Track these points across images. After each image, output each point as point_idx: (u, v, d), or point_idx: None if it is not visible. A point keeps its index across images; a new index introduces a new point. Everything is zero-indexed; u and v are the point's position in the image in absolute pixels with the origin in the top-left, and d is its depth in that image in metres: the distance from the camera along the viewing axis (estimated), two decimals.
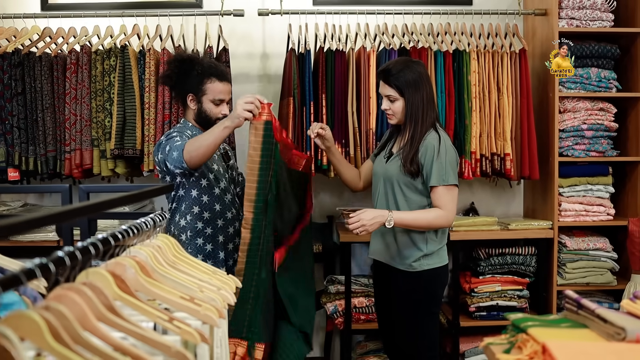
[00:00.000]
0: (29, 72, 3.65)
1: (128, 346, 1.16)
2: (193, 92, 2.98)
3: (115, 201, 1.49)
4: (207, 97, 2.96)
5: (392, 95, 2.85)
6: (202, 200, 2.95)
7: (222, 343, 1.68)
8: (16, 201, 3.99)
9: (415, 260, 2.85)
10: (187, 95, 2.99)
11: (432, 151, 2.78)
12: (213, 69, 3.00)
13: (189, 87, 2.98)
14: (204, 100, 2.97)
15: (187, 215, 2.95)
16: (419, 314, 2.90)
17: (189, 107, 3.02)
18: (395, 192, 2.88)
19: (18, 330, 1.00)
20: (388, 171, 2.92)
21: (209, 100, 2.97)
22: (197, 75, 2.96)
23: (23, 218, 1.05)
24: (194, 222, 2.95)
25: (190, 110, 3.03)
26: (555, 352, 1.33)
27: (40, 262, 1.14)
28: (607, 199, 3.90)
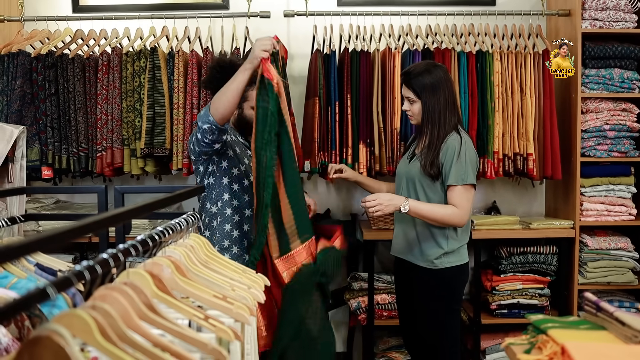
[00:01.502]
0: (62, 74, 3.75)
1: (167, 343, 1.22)
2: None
3: (154, 204, 1.57)
4: (249, 103, 3.00)
5: (410, 97, 2.92)
6: (232, 188, 3.01)
7: (252, 340, 1.75)
8: (49, 198, 4.09)
9: (437, 257, 2.91)
10: None
11: (452, 151, 2.84)
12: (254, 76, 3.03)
13: None
14: (245, 106, 3.02)
15: (218, 202, 3.00)
16: (440, 311, 2.96)
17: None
18: (417, 191, 2.94)
19: (70, 329, 1.07)
20: (410, 171, 2.98)
21: (249, 107, 3.00)
22: None
23: (75, 225, 1.12)
24: (223, 208, 3.01)
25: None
26: (574, 354, 1.38)
27: (88, 265, 1.21)
28: (629, 199, 3.91)
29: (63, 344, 1.01)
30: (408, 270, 3.04)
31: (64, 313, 1.12)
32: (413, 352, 3.21)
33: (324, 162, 3.74)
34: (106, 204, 2.28)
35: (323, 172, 3.80)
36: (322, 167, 3.76)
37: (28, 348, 1.01)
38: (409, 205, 2.80)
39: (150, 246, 1.56)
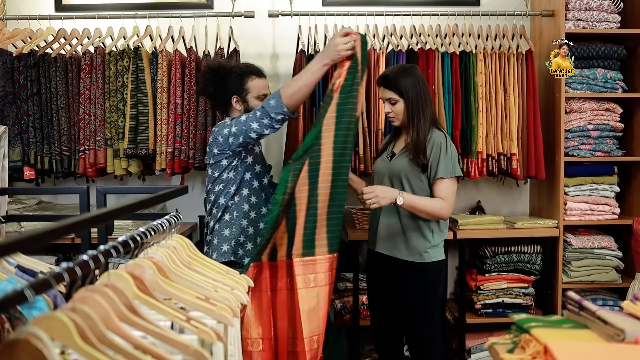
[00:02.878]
0: (44, 73, 3.72)
1: (149, 345, 1.21)
2: (237, 93, 3.10)
3: (135, 205, 1.55)
4: (252, 94, 3.09)
5: (392, 98, 3.00)
6: (252, 184, 3.05)
7: (235, 341, 1.74)
8: (31, 199, 4.06)
9: (425, 251, 2.97)
10: (231, 98, 3.11)
11: (438, 147, 2.94)
12: (250, 67, 3.14)
13: (231, 90, 3.10)
14: (249, 98, 3.10)
15: (235, 197, 3.04)
16: (426, 306, 3.02)
17: (234, 109, 3.13)
18: (403, 187, 2.99)
19: (48, 331, 1.06)
20: (394, 168, 3.03)
21: (254, 98, 3.09)
22: (238, 77, 3.09)
23: (55, 226, 1.11)
24: (241, 203, 3.04)
25: (236, 112, 3.13)
26: (556, 353, 1.39)
27: (68, 267, 1.20)
28: (612, 198, 3.94)
29: (41, 347, 1.00)
30: (390, 266, 3.06)
31: (43, 315, 1.11)
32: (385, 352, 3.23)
33: None
34: (88, 204, 2.26)
35: None
36: None
37: (5, 351, 1.00)
38: (404, 197, 2.84)
39: (132, 247, 1.55)
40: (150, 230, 1.72)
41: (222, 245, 3.01)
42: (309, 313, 2.75)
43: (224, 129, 2.97)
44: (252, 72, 3.12)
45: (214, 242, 3.04)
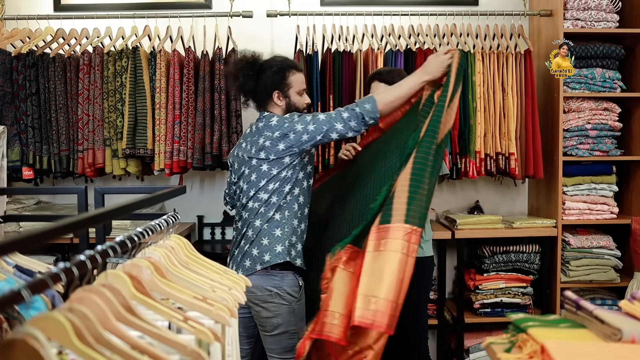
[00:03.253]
0: (43, 73, 3.72)
1: (146, 345, 1.21)
2: (278, 88, 2.95)
3: (132, 205, 1.55)
4: (293, 89, 2.97)
5: None
6: (303, 184, 2.97)
7: (233, 341, 1.74)
8: (30, 199, 4.06)
9: (420, 246, 2.96)
10: (272, 93, 2.95)
11: None
12: (287, 61, 3.02)
13: (272, 85, 2.95)
14: (291, 93, 2.97)
15: (288, 196, 2.93)
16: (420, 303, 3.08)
17: (275, 105, 2.98)
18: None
19: (45, 331, 1.06)
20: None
21: (295, 93, 2.97)
22: (279, 71, 2.94)
23: (52, 226, 1.11)
24: (292, 203, 2.95)
25: (276, 108, 2.99)
26: (553, 352, 1.39)
27: (65, 267, 1.20)
28: (610, 198, 3.94)
29: (38, 347, 1.00)
30: None
31: (40, 315, 1.10)
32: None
33: None
34: (86, 204, 2.26)
35: None
36: None
37: (2, 351, 1.00)
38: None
39: (129, 247, 1.55)
40: (148, 230, 1.72)
41: (276, 246, 2.87)
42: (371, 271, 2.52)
43: (295, 126, 2.84)
44: (292, 66, 2.99)
45: (264, 242, 2.88)
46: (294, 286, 2.89)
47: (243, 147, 3.00)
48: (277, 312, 2.86)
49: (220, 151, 3.74)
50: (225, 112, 3.75)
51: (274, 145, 2.86)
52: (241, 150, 3.00)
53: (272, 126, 2.89)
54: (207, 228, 4.32)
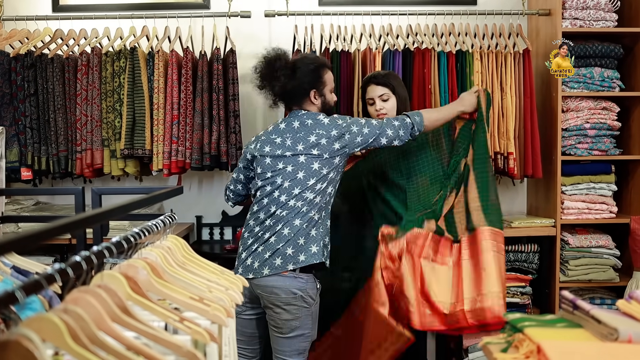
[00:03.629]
0: (41, 74, 3.72)
1: (141, 346, 1.21)
2: (315, 87, 2.94)
3: (128, 206, 1.56)
4: (327, 87, 2.98)
5: (385, 94, 3.22)
6: (337, 186, 3.00)
7: (230, 341, 1.74)
8: (29, 200, 4.06)
9: None
10: (309, 92, 2.94)
11: None
12: (321, 59, 3.02)
13: (309, 84, 2.93)
14: (326, 92, 2.98)
15: (328, 197, 2.94)
16: None
17: (312, 103, 2.97)
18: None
19: (40, 333, 1.06)
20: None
21: (329, 91, 3.00)
22: (315, 70, 2.93)
23: (47, 227, 1.11)
24: (329, 204, 2.98)
25: (312, 106, 2.97)
26: (549, 352, 1.39)
27: (59, 268, 1.20)
28: (609, 197, 3.94)
29: (32, 348, 1.00)
30: None
31: (34, 317, 1.11)
32: None
33: None
34: (83, 205, 2.26)
35: None
36: None
37: None
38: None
39: (125, 248, 1.55)
40: (145, 230, 1.72)
41: (311, 246, 2.84)
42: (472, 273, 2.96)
43: (351, 127, 2.86)
44: (324, 64, 2.99)
45: (300, 241, 2.83)
46: (314, 289, 2.89)
47: (278, 142, 2.93)
48: (297, 314, 2.84)
49: (218, 151, 3.74)
50: (224, 112, 3.75)
51: (330, 144, 2.85)
52: (276, 147, 2.93)
53: (326, 125, 2.88)
54: (206, 228, 4.32)
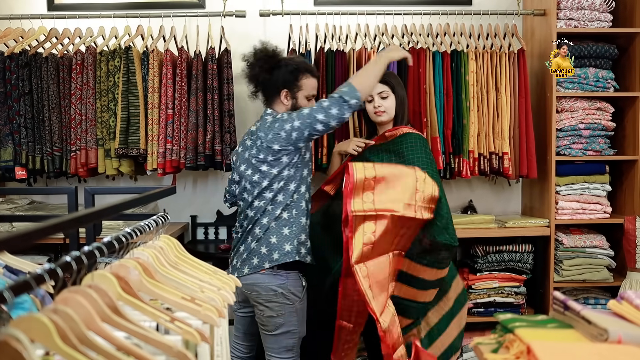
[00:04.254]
0: (35, 73, 3.71)
1: (131, 346, 1.21)
2: (288, 87, 3.00)
3: (121, 205, 1.55)
4: (302, 92, 3.02)
5: (384, 92, 3.19)
6: (308, 180, 3.03)
7: (223, 341, 1.74)
8: (23, 199, 4.05)
9: None
10: (281, 90, 3.01)
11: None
12: (305, 64, 3.06)
13: (283, 83, 3.00)
14: (299, 95, 3.02)
15: (294, 194, 2.96)
16: None
17: (281, 103, 3.03)
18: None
19: (29, 333, 1.06)
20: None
21: (303, 96, 3.03)
22: (293, 71, 2.99)
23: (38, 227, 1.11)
24: (300, 200, 2.98)
25: (282, 106, 3.04)
26: (538, 353, 1.39)
27: (49, 268, 1.20)
28: (604, 197, 3.94)
29: (20, 349, 1.00)
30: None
31: (23, 317, 1.10)
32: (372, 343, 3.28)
33: None
34: (76, 204, 2.26)
35: None
36: None
37: None
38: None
39: (116, 248, 1.55)
40: (137, 230, 1.72)
41: (285, 245, 2.91)
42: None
43: (285, 124, 2.88)
44: (307, 69, 3.04)
45: (272, 240, 2.91)
46: (298, 286, 2.94)
47: (245, 144, 3.06)
48: (280, 312, 2.89)
49: (213, 151, 3.74)
50: (218, 112, 3.74)
51: (269, 147, 2.90)
52: (244, 148, 3.06)
53: (267, 127, 2.94)
54: (201, 228, 4.32)
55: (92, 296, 1.26)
